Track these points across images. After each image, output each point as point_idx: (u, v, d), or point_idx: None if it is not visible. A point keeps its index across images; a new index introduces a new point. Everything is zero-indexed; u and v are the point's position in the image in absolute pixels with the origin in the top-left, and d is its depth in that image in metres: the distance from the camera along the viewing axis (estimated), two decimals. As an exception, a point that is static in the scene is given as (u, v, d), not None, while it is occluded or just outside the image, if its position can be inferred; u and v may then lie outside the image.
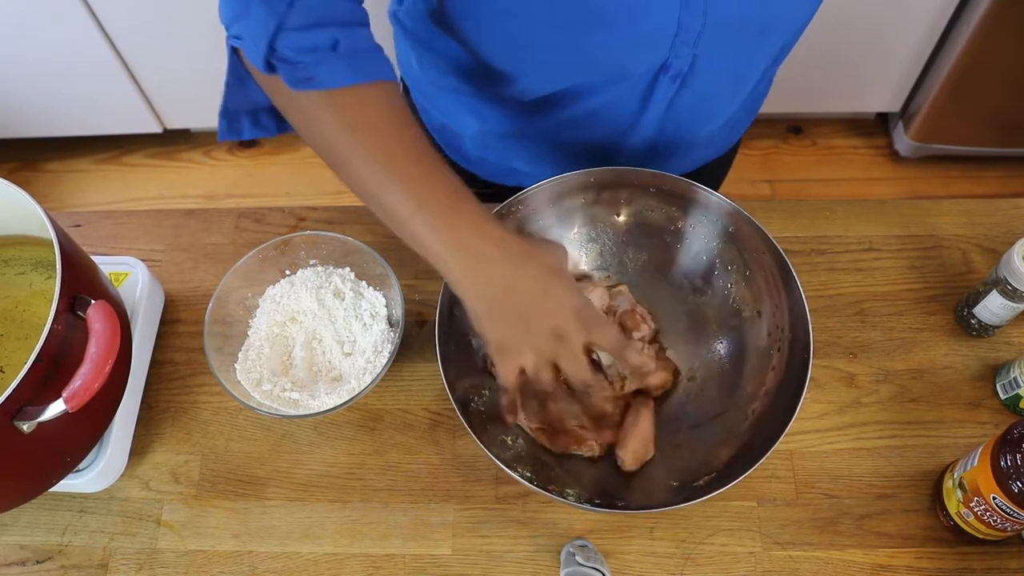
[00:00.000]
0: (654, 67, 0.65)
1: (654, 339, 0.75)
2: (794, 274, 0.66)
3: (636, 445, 0.68)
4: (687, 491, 0.64)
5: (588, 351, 0.58)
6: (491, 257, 0.56)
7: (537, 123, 0.75)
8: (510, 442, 0.69)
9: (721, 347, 0.73)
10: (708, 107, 0.73)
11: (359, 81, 0.56)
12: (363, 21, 0.59)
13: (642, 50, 0.63)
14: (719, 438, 0.68)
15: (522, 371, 0.59)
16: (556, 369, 0.59)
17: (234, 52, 0.61)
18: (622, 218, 0.76)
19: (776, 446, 0.60)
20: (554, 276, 0.58)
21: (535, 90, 0.69)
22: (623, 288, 0.76)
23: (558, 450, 0.69)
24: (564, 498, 0.62)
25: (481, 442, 0.61)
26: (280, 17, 0.54)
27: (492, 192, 0.86)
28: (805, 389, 0.62)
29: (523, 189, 0.71)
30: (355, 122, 0.57)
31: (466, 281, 0.57)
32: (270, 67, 0.56)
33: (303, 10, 0.55)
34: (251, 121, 0.68)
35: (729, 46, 0.65)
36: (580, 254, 0.77)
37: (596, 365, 0.72)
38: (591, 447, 0.69)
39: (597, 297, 0.74)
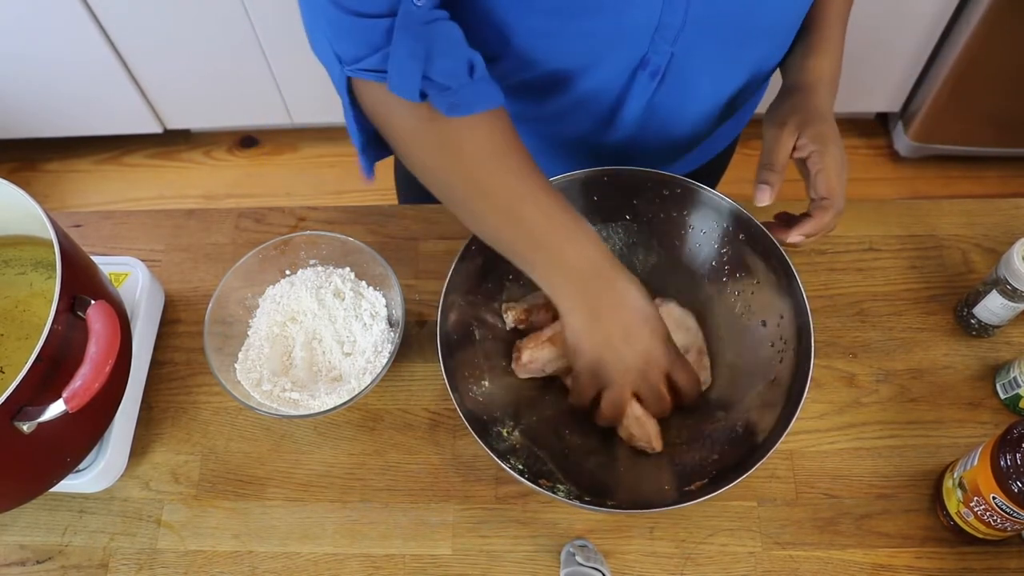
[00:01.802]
0: (632, 62, 0.65)
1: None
2: (797, 277, 0.66)
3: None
4: (687, 491, 0.64)
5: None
6: (605, 276, 0.62)
7: (522, 112, 0.75)
8: (506, 434, 0.69)
9: (726, 349, 0.73)
10: (688, 107, 0.73)
11: (492, 107, 0.59)
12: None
13: (621, 43, 0.63)
14: (719, 438, 0.68)
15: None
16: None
17: (348, 90, 0.61)
18: (627, 219, 0.75)
19: (776, 446, 0.60)
20: (654, 308, 0.64)
21: (513, 74, 0.69)
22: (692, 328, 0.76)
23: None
24: (557, 494, 0.62)
25: (482, 442, 0.61)
26: (428, 43, 0.55)
27: None
28: (806, 390, 0.62)
29: None
30: (483, 153, 0.60)
31: (575, 299, 0.62)
32: (423, 96, 0.57)
33: (443, 34, 0.56)
34: (375, 144, 0.68)
35: (709, 47, 0.65)
36: None
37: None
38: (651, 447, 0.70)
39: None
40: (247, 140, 2.05)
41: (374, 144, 0.67)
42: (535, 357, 0.70)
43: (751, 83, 0.74)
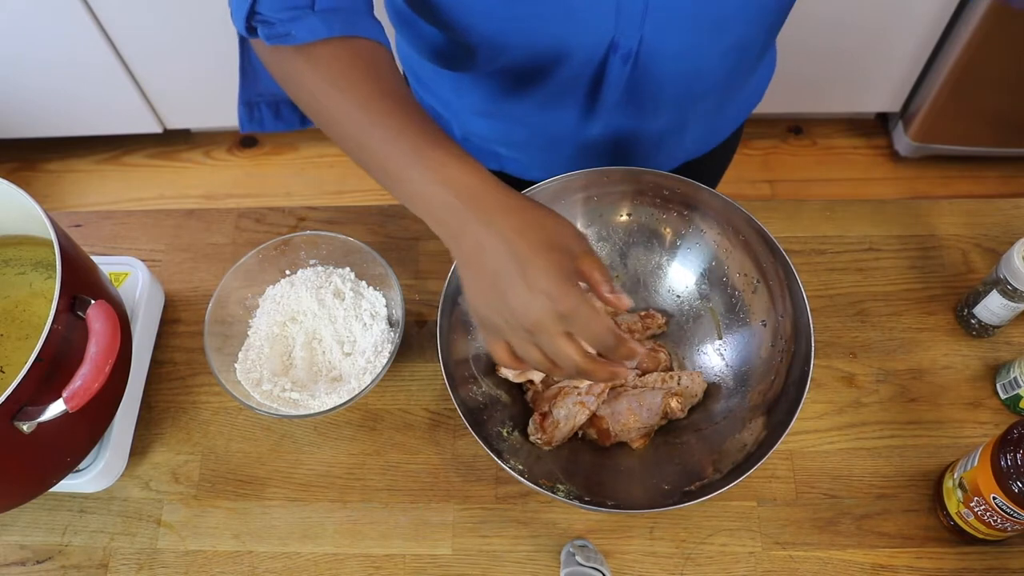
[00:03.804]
0: (601, 45, 0.65)
1: (669, 367, 0.75)
2: (797, 277, 0.66)
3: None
4: (687, 491, 0.64)
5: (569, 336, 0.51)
6: (478, 196, 0.51)
7: (506, 104, 0.74)
8: (506, 434, 0.69)
9: (725, 350, 0.73)
10: (667, 91, 0.72)
11: (333, 35, 0.57)
12: None
13: (580, 26, 0.63)
14: (719, 439, 0.68)
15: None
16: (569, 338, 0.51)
17: (243, 39, 0.63)
18: (626, 218, 0.76)
19: (776, 446, 0.60)
20: (533, 246, 0.50)
21: (489, 62, 0.69)
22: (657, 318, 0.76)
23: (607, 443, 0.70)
24: (557, 494, 0.62)
25: (482, 442, 0.61)
26: None
27: None
28: (806, 390, 0.62)
29: (506, 174, 0.71)
30: (332, 75, 0.57)
31: (451, 224, 0.53)
32: (251, 29, 0.58)
33: None
34: (272, 113, 0.69)
35: (680, 31, 0.64)
36: None
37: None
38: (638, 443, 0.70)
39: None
40: (247, 140, 2.05)
41: (256, 104, 0.69)
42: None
43: (736, 67, 0.73)
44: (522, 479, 0.61)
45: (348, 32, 0.58)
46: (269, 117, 0.70)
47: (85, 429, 0.66)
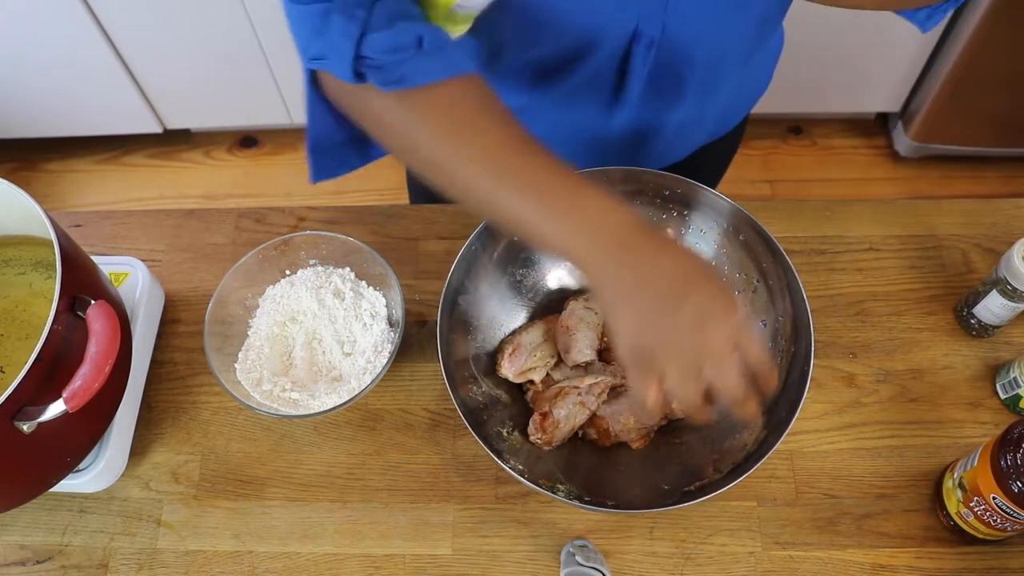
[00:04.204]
0: (625, 34, 0.65)
1: None
2: (797, 277, 0.66)
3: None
4: (687, 491, 0.64)
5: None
6: (625, 241, 0.51)
7: (530, 101, 0.74)
8: (506, 434, 0.69)
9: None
10: (689, 80, 0.72)
11: (450, 75, 0.55)
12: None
13: (604, 16, 0.63)
14: (719, 439, 0.68)
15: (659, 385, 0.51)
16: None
17: (312, 84, 0.60)
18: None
19: (776, 446, 0.60)
20: (695, 276, 0.51)
21: (515, 59, 0.69)
22: None
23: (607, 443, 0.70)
24: (557, 494, 0.62)
25: (482, 442, 0.61)
26: (362, 22, 0.53)
27: None
28: (806, 390, 0.62)
29: None
30: (455, 120, 0.55)
31: (594, 271, 0.52)
32: (359, 76, 0.55)
33: (383, 12, 0.54)
34: (336, 159, 0.67)
35: (703, 13, 0.64)
36: None
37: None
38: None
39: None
40: (247, 140, 2.05)
41: (325, 150, 0.66)
42: (514, 363, 0.71)
43: (756, 44, 0.72)
44: (522, 479, 0.61)
45: (459, 71, 0.55)
46: (336, 164, 0.67)
47: (85, 429, 0.66)
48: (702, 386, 0.50)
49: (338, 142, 0.66)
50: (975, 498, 0.62)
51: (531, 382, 0.72)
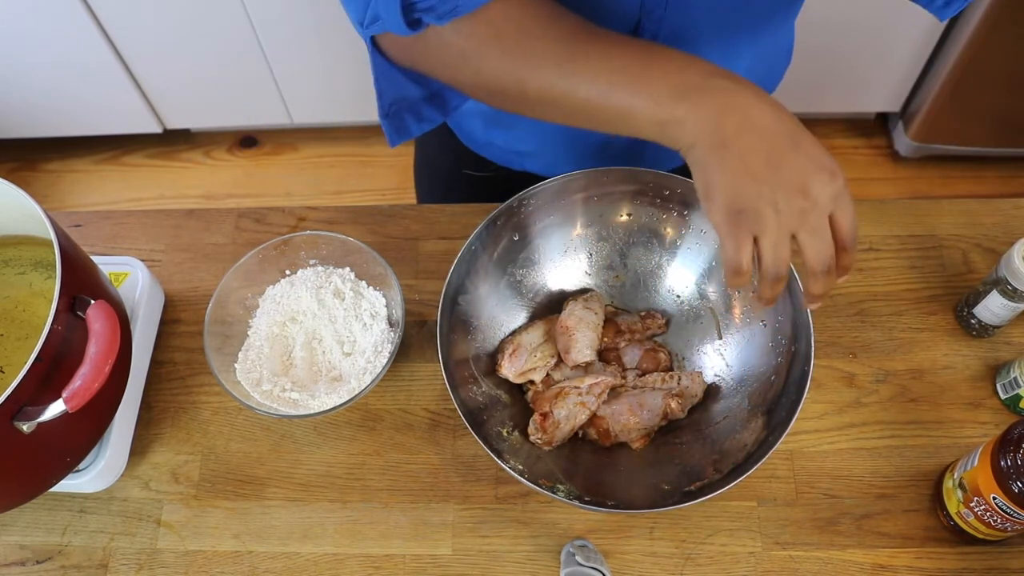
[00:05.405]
0: (626, 31, 0.64)
1: (669, 367, 0.75)
2: (797, 277, 0.66)
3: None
4: (687, 491, 0.64)
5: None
6: (717, 87, 0.48)
7: None
8: (506, 434, 0.69)
9: (725, 350, 0.73)
10: None
11: None
12: None
13: (608, 9, 0.63)
14: (719, 439, 0.68)
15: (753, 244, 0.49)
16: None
17: (374, 50, 0.60)
18: (626, 218, 0.76)
19: (776, 446, 0.60)
20: (801, 126, 0.49)
21: None
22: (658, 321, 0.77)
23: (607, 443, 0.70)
24: (557, 494, 0.62)
25: (482, 442, 0.61)
26: None
27: (500, 175, 0.87)
28: (806, 390, 0.62)
29: (527, 173, 0.70)
30: (515, 30, 0.54)
31: (688, 122, 0.49)
32: (413, 24, 0.54)
33: None
34: (415, 118, 0.66)
35: (705, 11, 0.64)
36: (590, 253, 0.77)
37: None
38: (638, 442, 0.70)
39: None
40: (247, 140, 2.05)
41: (400, 112, 0.66)
42: (514, 363, 0.71)
43: (760, 52, 0.72)
44: (522, 479, 0.61)
45: None
46: (413, 122, 0.67)
47: (85, 429, 0.66)
48: (789, 254, 0.49)
49: (414, 100, 0.65)
50: (975, 498, 0.62)
51: (531, 382, 0.72)
